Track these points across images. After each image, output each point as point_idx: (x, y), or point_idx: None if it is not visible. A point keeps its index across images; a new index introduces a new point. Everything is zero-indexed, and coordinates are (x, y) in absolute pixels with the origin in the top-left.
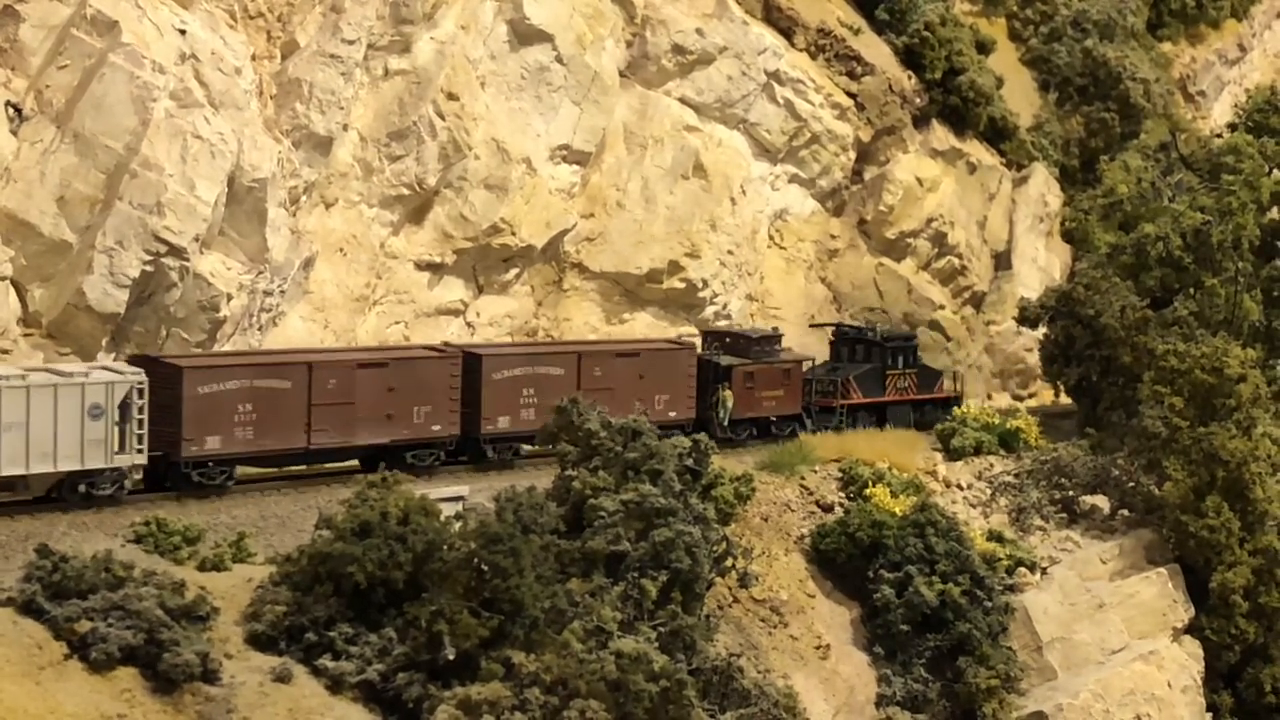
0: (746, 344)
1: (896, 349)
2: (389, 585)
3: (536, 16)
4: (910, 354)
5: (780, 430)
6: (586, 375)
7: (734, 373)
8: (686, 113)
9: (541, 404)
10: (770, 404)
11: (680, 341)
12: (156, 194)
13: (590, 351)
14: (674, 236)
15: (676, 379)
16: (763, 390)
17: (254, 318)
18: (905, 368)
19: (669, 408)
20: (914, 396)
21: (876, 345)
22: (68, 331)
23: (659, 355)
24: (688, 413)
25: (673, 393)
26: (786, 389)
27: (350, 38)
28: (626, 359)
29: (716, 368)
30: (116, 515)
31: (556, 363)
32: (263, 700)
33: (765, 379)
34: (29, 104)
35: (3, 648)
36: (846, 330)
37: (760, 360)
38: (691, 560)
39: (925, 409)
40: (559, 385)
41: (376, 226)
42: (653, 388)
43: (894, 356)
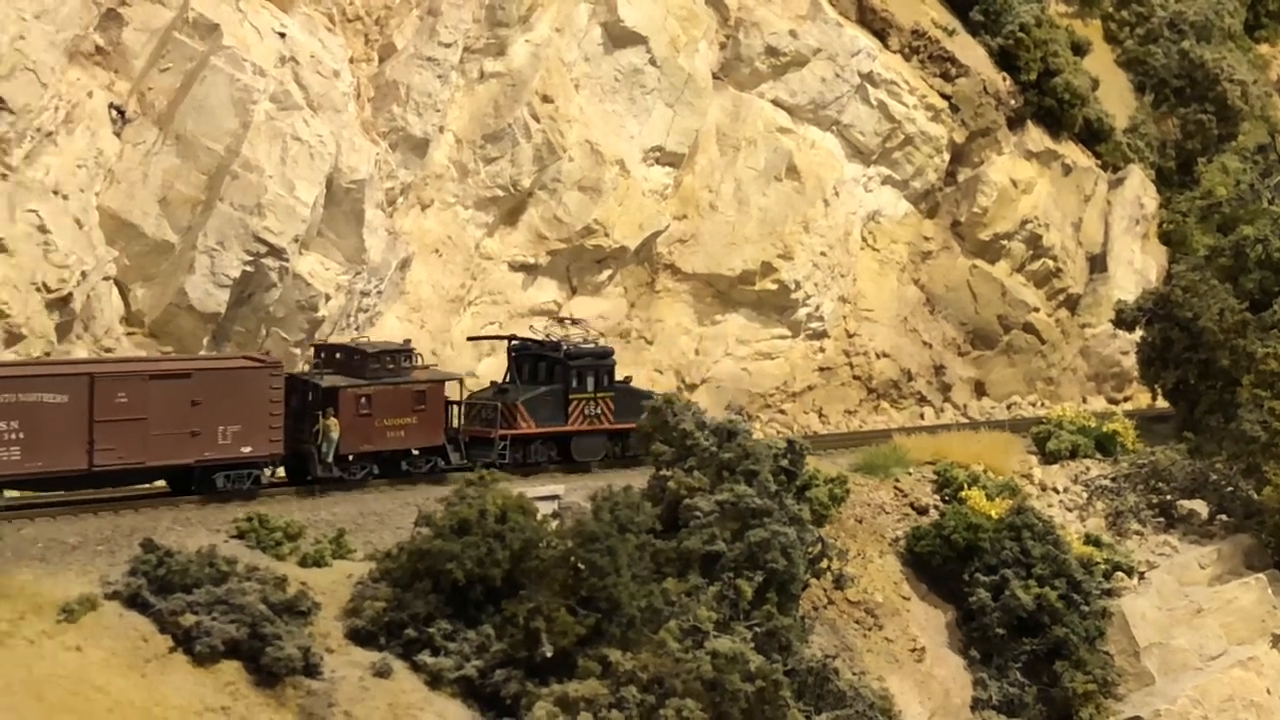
0: (362, 361)
1: (585, 368)
2: (487, 582)
3: (630, 19)
4: (604, 374)
5: (416, 467)
6: (103, 403)
7: (341, 396)
8: (779, 115)
9: (32, 441)
10: (397, 435)
11: (261, 357)
12: (257, 195)
13: (108, 373)
14: (766, 238)
15: (252, 406)
16: (386, 418)
17: (351, 318)
18: (597, 391)
19: (241, 441)
20: (609, 426)
21: (559, 363)
22: (169, 331)
23: (224, 376)
24: (270, 447)
25: (246, 423)
26: (421, 416)
27: (447, 40)
28: (169, 381)
29: (315, 390)
30: (220, 511)
31: (55, 387)
32: (363, 695)
33: (388, 404)
34: (132, 106)
35: (109, 641)
36: (525, 345)
37: (380, 380)
38: (787, 561)
39: (631, 439)
40: (59, 416)
41: (471, 228)
42: (213, 417)
43: (580, 377)
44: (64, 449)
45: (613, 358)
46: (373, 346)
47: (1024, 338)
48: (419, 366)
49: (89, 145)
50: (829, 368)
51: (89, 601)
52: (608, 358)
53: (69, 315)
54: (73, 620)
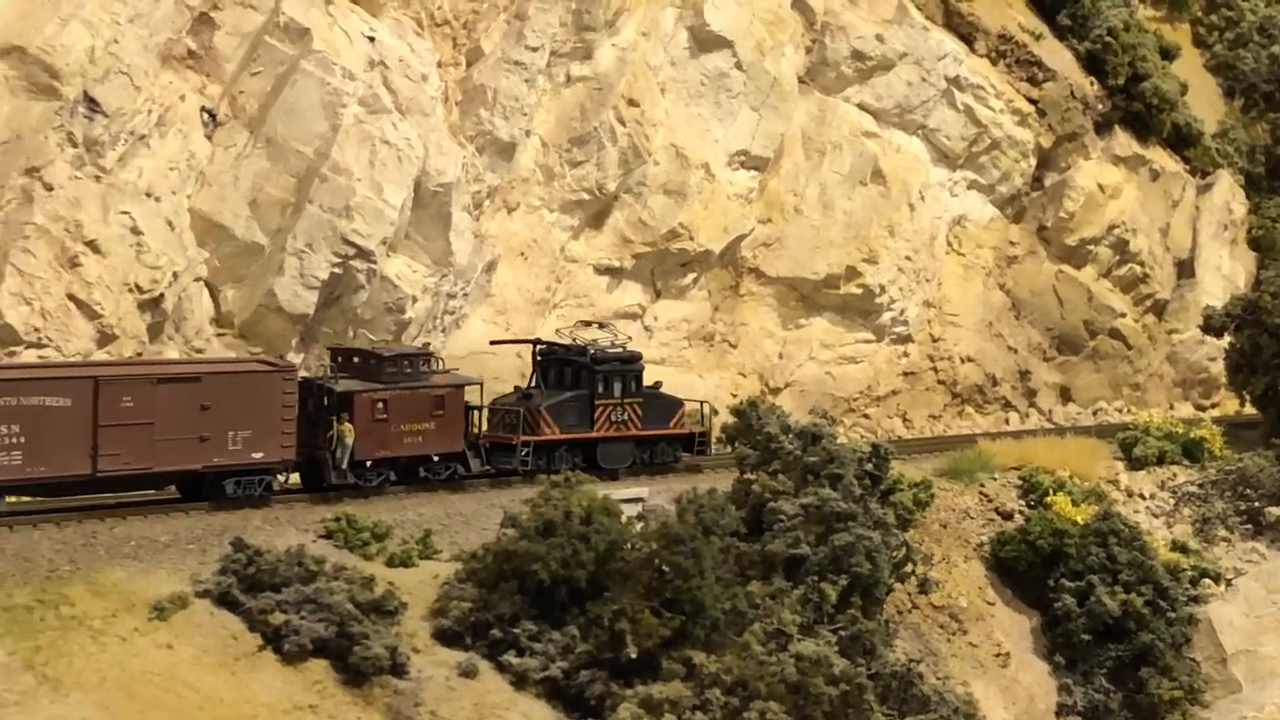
0: (378, 365)
1: (611, 373)
2: (572, 584)
3: (717, 23)
4: (631, 380)
5: (434, 474)
6: (108, 407)
7: (356, 400)
8: (865, 118)
9: (33, 445)
10: (415, 440)
11: (274, 361)
12: (345, 198)
13: (113, 376)
14: (851, 242)
15: (263, 410)
16: (403, 423)
17: (438, 320)
18: (624, 396)
19: (252, 447)
20: (636, 432)
21: (585, 368)
22: (259, 332)
23: (234, 380)
24: (283, 453)
25: (257, 428)
26: (440, 421)
27: (534, 44)
28: (178, 385)
29: (330, 394)
30: (308, 511)
31: (58, 390)
32: (449, 694)
33: (406, 409)
34: (223, 109)
35: (200, 638)
36: (551, 349)
37: (397, 385)
38: (871, 565)
39: (659, 446)
40: (62, 420)
41: (557, 231)
42: (224, 422)
43: (607, 382)
44: (67, 454)
45: (640, 362)
46: (389, 350)
47: (1110, 343)
48: (439, 371)
49: (181, 148)
50: (913, 372)
51: (180, 599)
52: (635, 362)
53: (160, 316)
54: (164, 618)
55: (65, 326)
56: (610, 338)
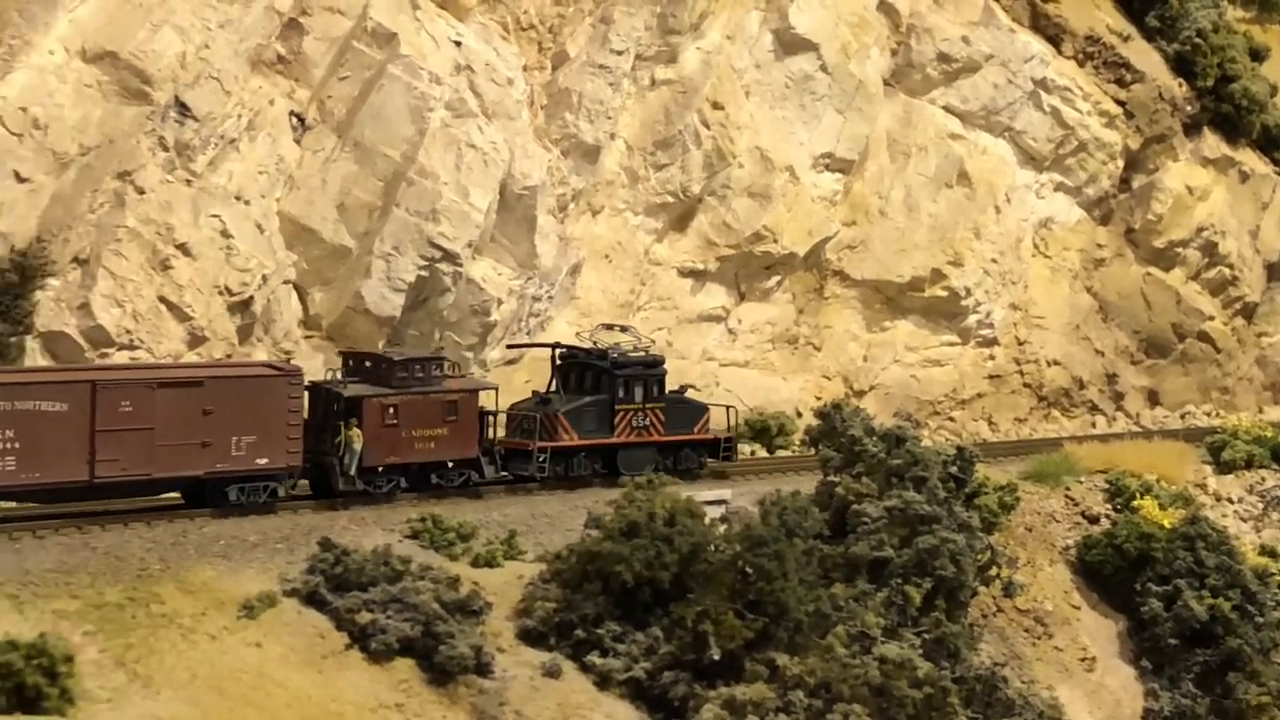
0: (389, 369)
1: (633, 378)
2: (655, 585)
3: (802, 26)
4: (654, 384)
5: (448, 480)
6: (106, 412)
7: (365, 405)
8: (951, 121)
9: (28, 451)
10: (427, 446)
11: (280, 365)
12: (432, 201)
13: (111, 381)
14: (937, 244)
15: (268, 415)
16: (414, 428)
17: (523, 322)
18: (646, 401)
19: (257, 453)
20: (659, 438)
21: (605, 373)
22: (346, 334)
23: (238, 385)
24: (288, 459)
25: (262, 433)
26: (453, 427)
27: (619, 48)
28: (178, 389)
29: (338, 399)
30: (394, 511)
31: (53, 395)
32: (533, 694)
33: (417, 414)
34: (311, 114)
35: (288, 637)
36: (571, 353)
37: (409, 389)
38: (956, 568)
39: (683, 453)
40: (58, 426)
41: (641, 234)
42: (226, 427)
43: (628, 387)
44: (63, 460)
45: (663, 367)
46: (400, 354)
47: (1198, 346)
48: (453, 375)
49: (270, 152)
50: (999, 375)
51: (268, 598)
52: (658, 366)
53: (249, 318)
54: (253, 616)
55: (156, 329)
56: (633, 341)
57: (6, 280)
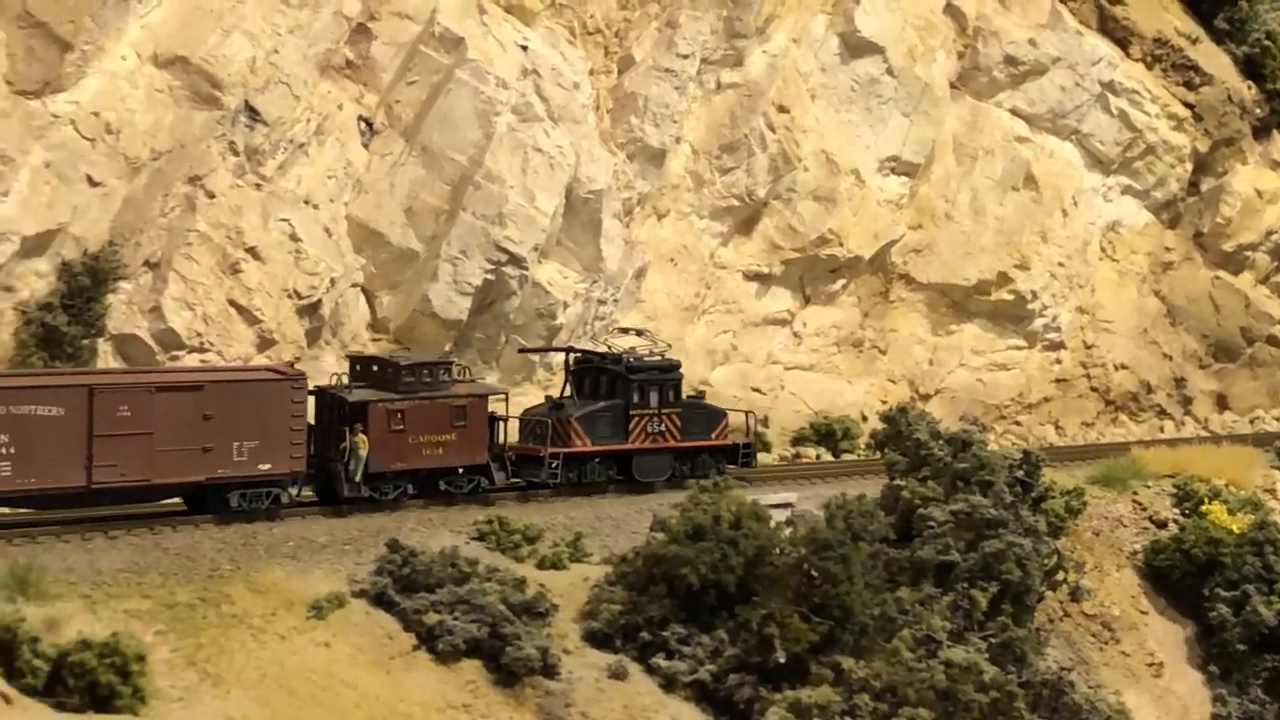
0: (395, 373)
1: (648, 382)
2: (721, 588)
3: (868, 29)
4: (669, 389)
5: (456, 487)
6: (104, 416)
7: (371, 411)
8: (1017, 124)
9: (23, 456)
10: (434, 452)
11: (283, 369)
12: (498, 205)
13: (109, 385)
14: (1003, 248)
15: (271, 420)
16: (422, 434)
17: (588, 325)
18: (662, 406)
19: (258, 458)
20: (675, 444)
21: (620, 377)
22: (413, 337)
23: (239, 389)
24: (292, 465)
25: (264, 438)
26: (462, 433)
27: (685, 52)
28: (178, 394)
29: (343, 404)
30: (461, 513)
31: (49, 400)
32: (599, 696)
33: (424, 419)
34: (379, 118)
35: (357, 637)
36: (586, 358)
37: (416, 394)
38: (1022, 572)
39: (700, 459)
40: (55, 431)
41: (706, 237)
42: (228, 432)
43: (643, 392)
44: (60, 465)
45: (679, 371)
46: (407, 358)
47: (1268, 350)
48: (461, 380)
49: (339, 156)
50: (1066, 379)
51: (337, 599)
52: (673, 371)
53: (318, 321)
54: (322, 617)
55: (226, 331)
56: (649, 345)
57: (79, 283)
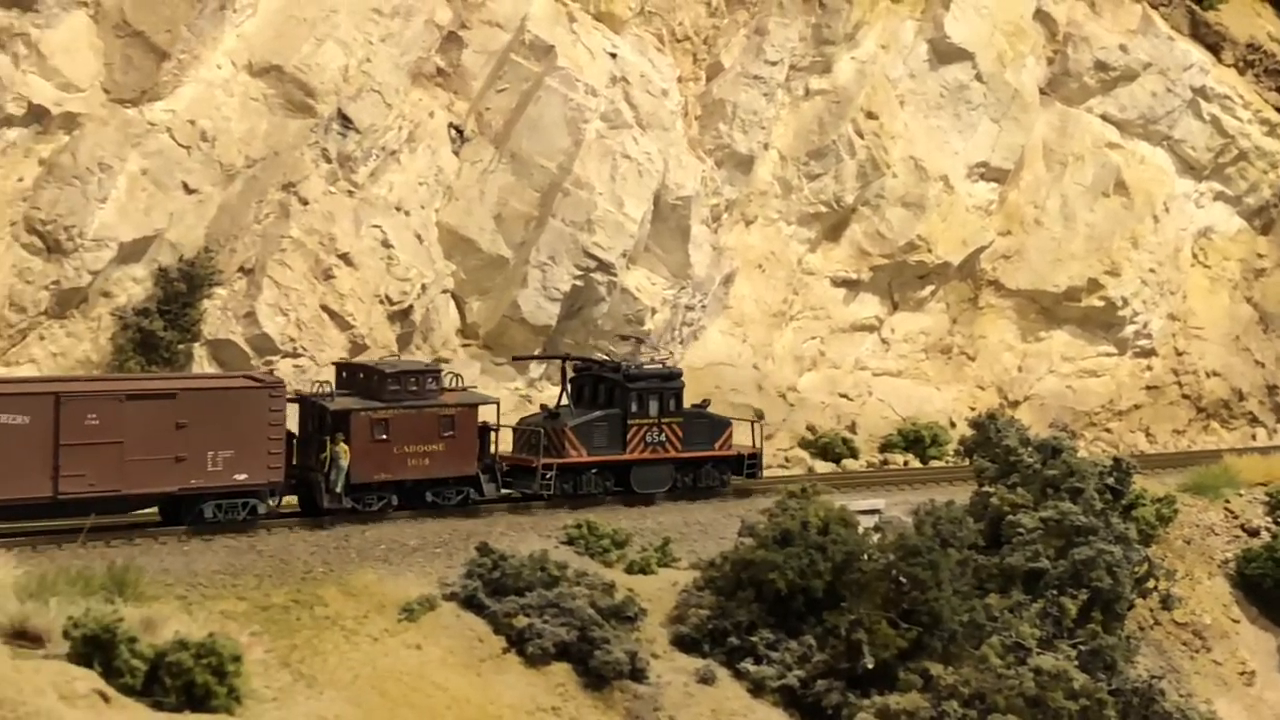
0: (380, 381)
1: (647, 391)
2: (809, 593)
3: (957, 35)
4: (670, 398)
5: (444, 498)
6: (71, 425)
7: (353, 420)
8: (1108, 129)
9: None
10: (420, 463)
11: (260, 376)
12: (587, 211)
13: (77, 393)
14: (1093, 254)
15: (247, 429)
16: (407, 444)
17: (676, 331)
18: (662, 416)
19: (234, 468)
20: (676, 454)
21: (618, 386)
22: (503, 343)
23: (214, 397)
24: (269, 475)
25: (240, 448)
26: (449, 443)
27: (773, 59)
28: (150, 402)
29: (324, 413)
30: (550, 518)
31: (14, 407)
32: (688, 700)
33: (409, 429)
34: (470, 126)
35: (448, 640)
36: (586, 365)
37: (401, 403)
38: (1112, 580)
39: (704, 470)
40: (19, 439)
41: (794, 243)
42: (202, 441)
43: (642, 401)
44: (25, 475)
45: (680, 380)
46: (392, 366)
47: None
48: (451, 389)
49: (430, 163)
50: (1157, 386)
51: (428, 602)
52: (675, 380)
53: (409, 326)
54: (413, 619)
55: (319, 337)
56: (651, 353)
57: (175, 289)
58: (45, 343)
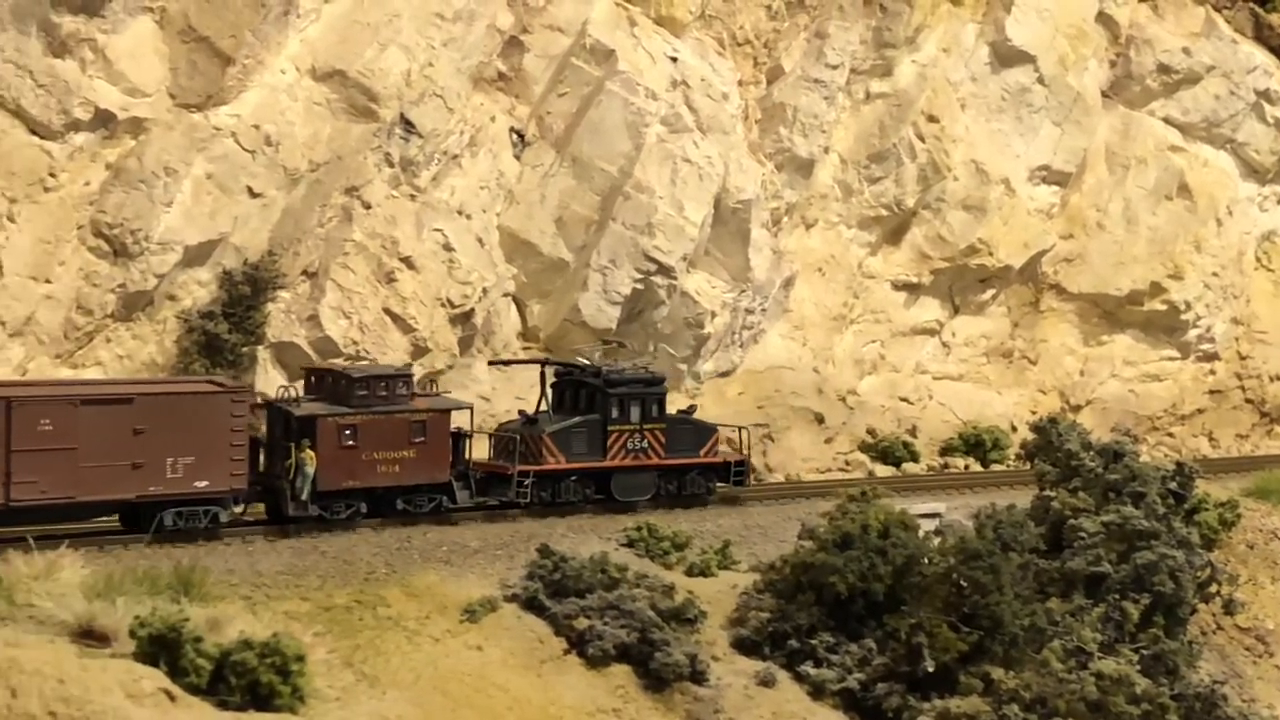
0: (347, 386)
1: (628, 397)
2: (869, 596)
3: (1019, 38)
4: (652, 403)
5: (416, 506)
6: (22, 431)
7: (319, 426)
8: (1171, 132)
9: None
10: (390, 470)
11: (222, 381)
12: (647, 215)
13: (28, 398)
14: (1156, 258)
15: (208, 435)
16: (376, 450)
17: (736, 335)
18: (644, 422)
19: (195, 475)
20: (659, 461)
21: (598, 391)
22: (563, 346)
23: (173, 402)
24: (231, 482)
25: (201, 454)
26: (420, 449)
27: (834, 62)
28: (105, 407)
29: (289, 418)
30: (611, 520)
31: None
32: (748, 703)
33: (378, 435)
34: (531, 130)
35: (508, 641)
36: (568, 370)
37: (369, 408)
38: (1174, 584)
39: (689, 477)
40: None
41: (855, 247)
42: (161, 448)
43: (622, 406)
44: None
45: (663, 385)
46: (360, 371)
47: None
48: (423, 394)
49: (491, 167)
50: (1220, 390)
51: (489, 603)
52: (657, 385)
53: (470, 330)
54: (474, 620)
55: (381, 339)
56: (632, 358)
57: (240, 292)
58: (111, 345)
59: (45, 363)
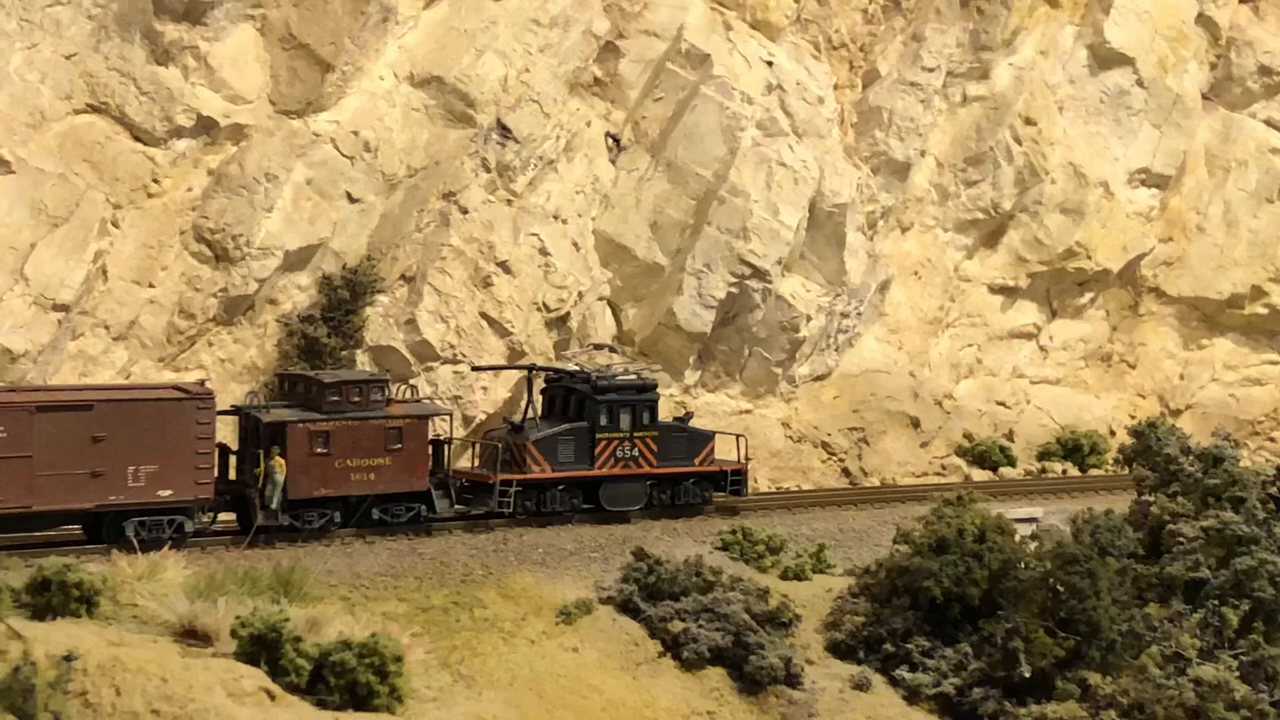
0: (319, 392)
1: (617, 403)
2: (964, 601)
3: (1117, 40)
4: (644, 411)
5: (393, 515)
6: None
7: (290, 432)
8: (1272, 135)
9: None
10: (365, 478)
11: (188, 387)
12: (742, 219)
13: None
14: (1257, 261)
15: (172, 443)
16: (350, 458)
17: (831, 339)
18: (635, 430)
19: (158, 484)
20: (650, 470)
21: (586, 397)
22: (658, 350)
23: (134, 409)
24: (197, 490)
25: (165, 462)
26: (397, 457)
27: (930, 65)
28: (63, 414)
29: (258, 425)
30: (705, 523)
31: None
32: (842, 706)
33: (352, 442)
34: (626, 135)
35: (604, 643)
36: (557, 376)
37: (342, 415)
38: (1275, 590)
39: (683, 486)
40: None
41: (951, 250)
42: (122, 456)
43: (611, 413)
44: None
45: (655, 391)
46: (332, 376)
47: None
48: (400, 400)
49: (586, 172)
50: None
51: (585, 605)
52: (649, 391)
53: (565, 334)
54: (570, 622)
55: (478, 344)
56: (624, 363)
57: (339, 296)
58: (213, 349)
59: (148, 366)
